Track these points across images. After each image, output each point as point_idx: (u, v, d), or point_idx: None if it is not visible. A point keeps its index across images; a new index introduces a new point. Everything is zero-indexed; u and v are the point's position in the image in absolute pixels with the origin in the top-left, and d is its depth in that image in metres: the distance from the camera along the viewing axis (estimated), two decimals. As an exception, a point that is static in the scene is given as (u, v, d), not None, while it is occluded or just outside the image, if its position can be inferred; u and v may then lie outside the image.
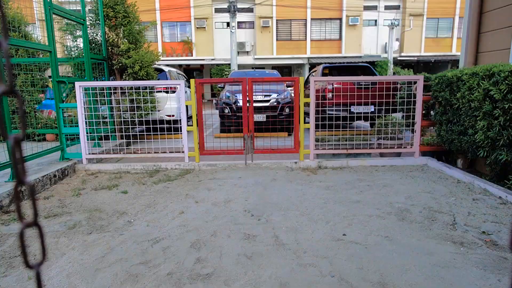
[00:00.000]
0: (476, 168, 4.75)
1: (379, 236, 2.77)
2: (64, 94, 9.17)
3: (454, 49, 22.41)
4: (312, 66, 22.22)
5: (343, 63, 20.28)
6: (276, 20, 22.47)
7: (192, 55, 22.67)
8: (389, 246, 2.60)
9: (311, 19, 22.44)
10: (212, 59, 22.92)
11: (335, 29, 22.74)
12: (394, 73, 19.74)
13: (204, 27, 22.52)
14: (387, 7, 22.93)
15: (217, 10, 22.46)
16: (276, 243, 2.69)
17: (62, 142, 5.12)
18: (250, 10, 22.37)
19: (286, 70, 26.10)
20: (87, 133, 5.11)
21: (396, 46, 22.43)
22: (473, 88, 3.92)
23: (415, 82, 5.24)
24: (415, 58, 23.01)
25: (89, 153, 5.17)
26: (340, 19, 22.37)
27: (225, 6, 19.53)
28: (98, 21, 6.54)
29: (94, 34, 6.64)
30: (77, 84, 4.94)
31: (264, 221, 3.12)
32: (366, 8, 22.59)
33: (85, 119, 5.07)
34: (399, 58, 22.81)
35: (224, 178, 4.61)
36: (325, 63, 20.04)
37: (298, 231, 2.89)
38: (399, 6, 22.93)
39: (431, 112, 5.37)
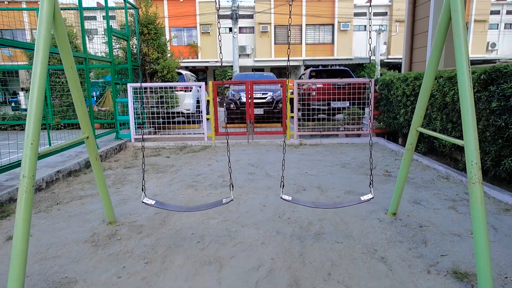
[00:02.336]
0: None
1: (325, 173, 4.81)
2: (98, 93, 11.23)
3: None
4: (307, 67, 24.23)
5: (333, 65, 22.23)
6: (274, 25, 24.52)
7: (197, 58, 24.72)
8: (329, 176, 4.64)
9: (306, 25, 24.50)
10: (216, 61, 24.97)
11: (328, 34, 24.79)
12: (381, 74, 21.76)
13: (209, 32, 24.57)
14: (375, 14, 24.98)
15: (220, 17, 24.48)
16: (266, 175, 4.73)
17: (116, 126, 7.16)
18: (250, 16, 24.42)
19: (284, 71, 28.12)
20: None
21: (383, 49, 24.48)
22: (398, 88, 5.97)
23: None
24: (401, 60, 25.01)
25: (136, 134, 7.21)
26: (333, 25, 24.43)
27: (228, 13, 21.58)
28: (134, 37, 8.56)
29: (132, 47, 8.66)
30: (129, 85, 6.97)
31: (260, 168, 5.16)
32: (356, 14, 24.65)
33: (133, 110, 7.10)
34: (386, 60, 24.82)
35: (233, 150, 6.64)
36: (319, 65, 22.01)
37: (279, 171, 4.92)
38: (387, 12, 24.98)
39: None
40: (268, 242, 2.78)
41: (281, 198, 2.65)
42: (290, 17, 2.53)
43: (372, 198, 2.68)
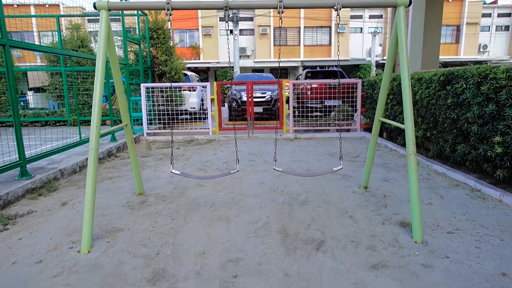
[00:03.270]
0: (390, 136, 7.59)
1: (315, 160, 5.63)
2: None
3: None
4: (305, 68, 25.06)
5: (330, 66, 23.00)
6: (273, 28, 25.36)
7: (199, 59, 25.55)
8: (317, 162, 5.46)
9: (304, 27, 25.34)
10: (217, 62, 25.80)
11: (325, 36, 25.63)
12: (376, 74, 22.58)
13: (210, 34, 25.40)
14: (371, 16, 25.84)
15: (222, 19, 25.31)
16: (263, 161, 5.55)
17: (131, 122, 7.98)
18: (250, 19, 25.25)
19: (283, 71, 28.94)
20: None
21: (379, 51, 25.34)
22: (380, 87, 6.79)
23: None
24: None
25: (148, 129, 8.03)
26: (330, 27, 25.27)
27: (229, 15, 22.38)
28: (145, 41, 9.39)
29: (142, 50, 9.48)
30: (142, 85, 7.79)
31: (258, 156, 5.98)
32: (353, 17, 25.50)
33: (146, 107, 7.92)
34: (381, 61, 25.64)
35: (234, 144, 7.46)
36: (317, 66, 22.81)
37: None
38: (382, 15, 25.82)
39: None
40: (265, 207, 3.60)
41: (274, 169, 3.47)
42: (280, 26, 3.34)
43: (341, 168, 3.48)
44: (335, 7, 2.99)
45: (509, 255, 2.51)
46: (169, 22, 3.13)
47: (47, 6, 22.66)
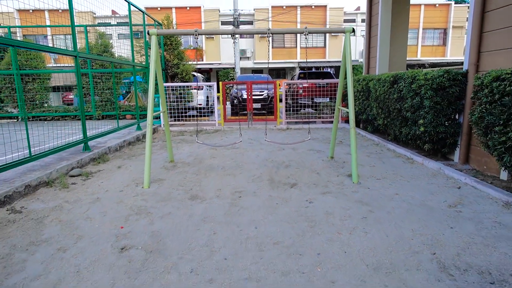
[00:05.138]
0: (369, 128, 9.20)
1: (302, 145, 7.25)
2: (124, 91, 13.65)
3: (419, 54, 26.89)
4: (302, 68, 26.67)
5: (325, 67, 24.52)
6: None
7: (203, 60, 27.16)
8: (303, 144, 7.07)
9: (301, 30, 26.94)
10: (219, 64, 27.41)
11: (320, 39, 27.24)
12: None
13: (213, 37, 27.01)
14: (363, 20, 27.41)
15: (223, 23, 26.96)
16: (260, 143, 7.16)
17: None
18: (250, 23, 26.86)
19: (282, 72, 30.56)
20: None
21: (371, 53, 26.96)
22: (354, 86, 8.40)
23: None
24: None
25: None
26: (325, 30, 26.87)
27: (230, 20, 23.99)
28: (160, 47, 10.98)
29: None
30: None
31: (256, 141, 7.59)
32: (346, 21, 27.10)
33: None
34: (374, 63, 27.26)
35: (237, 132, 9.06)
36: (312, 67, 24.35)
37: (270, 143, 7.35)
38: (374, 19, 27.44)
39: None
40: (259, 168, 5.20)
41: (265, 140, 5.09)
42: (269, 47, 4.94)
43: (309, 139, 5.10)
44: (304, 33, 4.58)
45: (406, 187, 4.12)
46: (196, 43, 4.73)
47: (60, 11, 24.22)
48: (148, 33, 4.57)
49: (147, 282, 2.24)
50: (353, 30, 4.74)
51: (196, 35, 4.59)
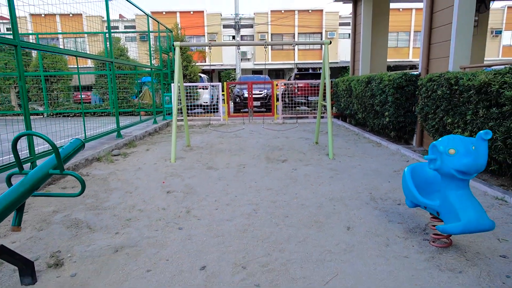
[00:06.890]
0: (352, 122, 10.60)
1: (292, 132, 8.65)
2: (137, 91, 14.95)
3: (411, 56, 28.29)
4: (299, 69, 28.07)
5: (321, 68, 25.83)
6: (271, 34, 28.38)
7: (205, 61, 28.55)
8: (295, 134, 8.47)
9: (298, 33, 28.35)
10: (221, 65, 28.81)
11: (317, 41, 28.64)
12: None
13: (215, 40, 28.40)
14: (358, 24, 28.86)
15: (225, 26, 28.37)
16: (259, 134, 8.56)
17: (164, 111, 10.99)
18: (250, 26, 28.27)
19: (281, 72, 31.95)
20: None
21: (365, 54, 28.36)
22: (341, 86, 9.79)
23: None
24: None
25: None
26: (321, 33, 28.27)
27: (232, 23, 25.39)
28: (171, 51, 12.38)
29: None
30: (172, 84, 10.78)
31: (256, 132, 8.99)
32: (341, 24, 28.51)
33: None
34: (368, 64, 28.68)
35: (239, 125, 10.46)
36: (309, 68, 25.70)
37: (268, 134, 8.74)
38: (368, 22, 28.85)
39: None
40: (258, 150, 6.59)
41: (263, 127, 6.49)
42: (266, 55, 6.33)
43: (297, 126, 6.49)
44: (292, 45, 5.96)
45: (368, 161, 5.51)
46: (210, 52, 6.13)
47: (71, 15, 25.67)
48: (173, 45, 5.96)
49: (189, 205, 3.64)
50: (330, 42, 6.13)
51: (210, 46, 5.98)
